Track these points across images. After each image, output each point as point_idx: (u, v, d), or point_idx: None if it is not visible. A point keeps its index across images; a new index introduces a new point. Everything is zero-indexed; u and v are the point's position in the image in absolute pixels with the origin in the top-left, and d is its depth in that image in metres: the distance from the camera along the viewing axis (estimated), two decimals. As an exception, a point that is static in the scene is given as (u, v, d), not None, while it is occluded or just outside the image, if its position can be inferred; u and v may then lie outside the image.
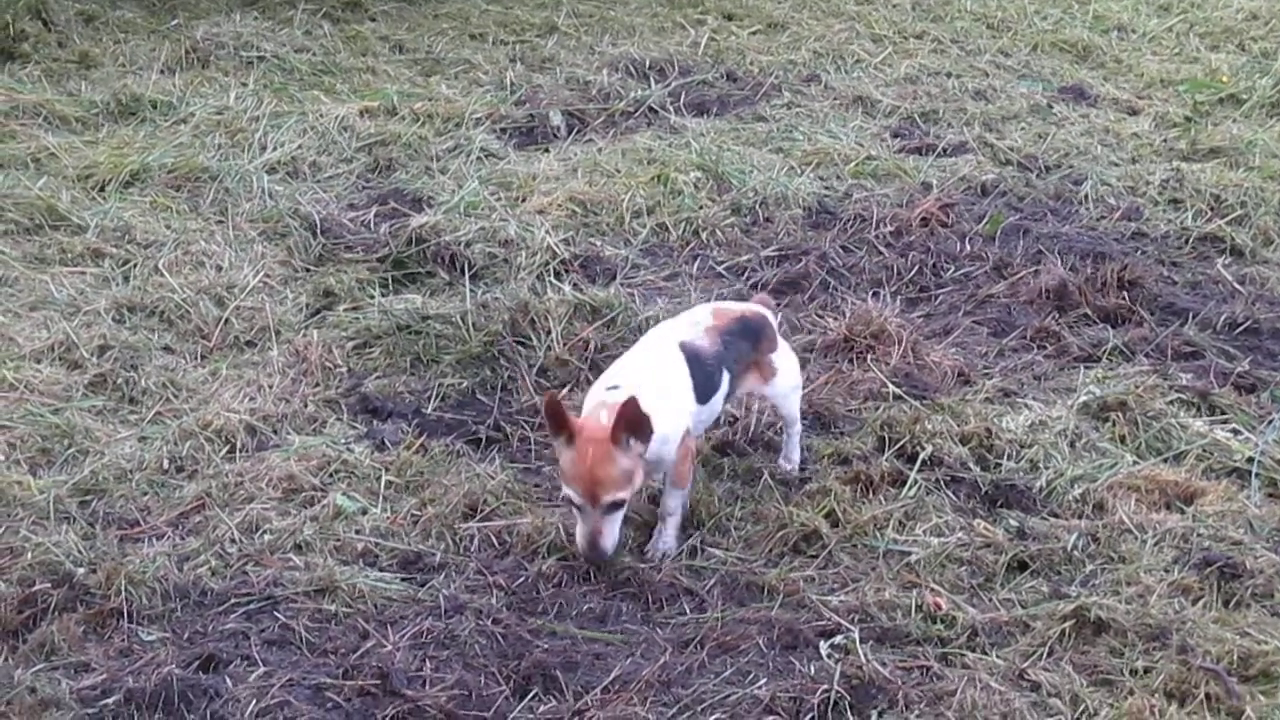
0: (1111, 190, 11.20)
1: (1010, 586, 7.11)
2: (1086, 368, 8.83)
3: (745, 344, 7.58)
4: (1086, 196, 11.08)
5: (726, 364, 7.44)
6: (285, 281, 9.75)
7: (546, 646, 6.82)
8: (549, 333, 8.93)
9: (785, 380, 7.82)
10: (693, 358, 7.33)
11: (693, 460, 7.38)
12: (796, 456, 7.97)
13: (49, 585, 7.05)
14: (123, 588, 7.02)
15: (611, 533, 7.07)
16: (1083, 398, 8.38)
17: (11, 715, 6.33)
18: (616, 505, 7.03)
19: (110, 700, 6.47)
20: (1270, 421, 8.24)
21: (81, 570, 7.14)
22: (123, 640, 6.85)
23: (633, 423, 6.88)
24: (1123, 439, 8.11)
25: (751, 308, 7.85)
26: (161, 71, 13.12)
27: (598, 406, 7.08)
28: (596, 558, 7.11)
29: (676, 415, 7.21)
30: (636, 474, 7.03)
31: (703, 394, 7.35)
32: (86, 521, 7.58)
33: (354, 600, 7.07)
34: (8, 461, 7.99)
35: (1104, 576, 7.11)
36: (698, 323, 7.55)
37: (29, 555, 7.23)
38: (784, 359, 7.84)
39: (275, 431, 8.30)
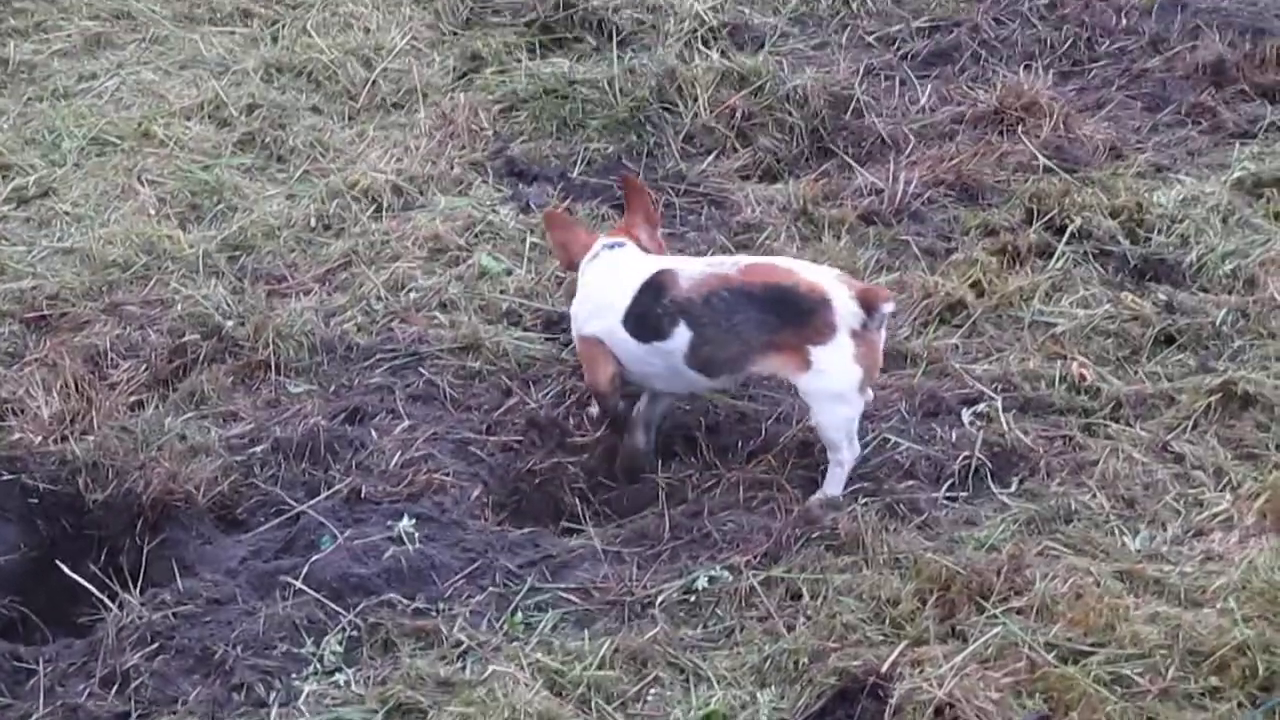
0: (1273, -36, 10.87)
1: (1157, 359, 7.06)
2: (1242, 144, 8.64)
3: (763, 315, 6.31)
4: (1247, -29, 10.77)
5: (693, 319, 6.37)
6: (433, 44, 9.71)
7: (688, 409, 6.88)
8: (695, 99, 8.85)
9: (823, 383, 6.32)
10: (649, 287, 6.48)
11: (606, 383, 6.62)
12: (835, 490, 6.41)
13: (198, 336, 7.21)
14: (270, 340, 7.15)
15: None
16: (1237, 174, 8.23)
17: (162, 460, 6.47)
18: None
19: (258, 449, 6.63)
20: None
21: (230, 322, 7.27)
22: (270, 391, 6.99)
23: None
24: (1277, 216, 7.95)
25: (816, 281, 6.32)
26: None
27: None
28: None
29: (590, 314, 6.62)
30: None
31: (638, 330, 6.47)
32: (235, 276, 7.69)
33: (497, 358, 7.15)
34: (158, 216, 8.10)
35: (1253, 352, 7.03)
36: (718, 265, 6.52)
37: (179, 307, 7.38)
38: (833, 358, 6.29)
39: (421, 192, 8.34)
